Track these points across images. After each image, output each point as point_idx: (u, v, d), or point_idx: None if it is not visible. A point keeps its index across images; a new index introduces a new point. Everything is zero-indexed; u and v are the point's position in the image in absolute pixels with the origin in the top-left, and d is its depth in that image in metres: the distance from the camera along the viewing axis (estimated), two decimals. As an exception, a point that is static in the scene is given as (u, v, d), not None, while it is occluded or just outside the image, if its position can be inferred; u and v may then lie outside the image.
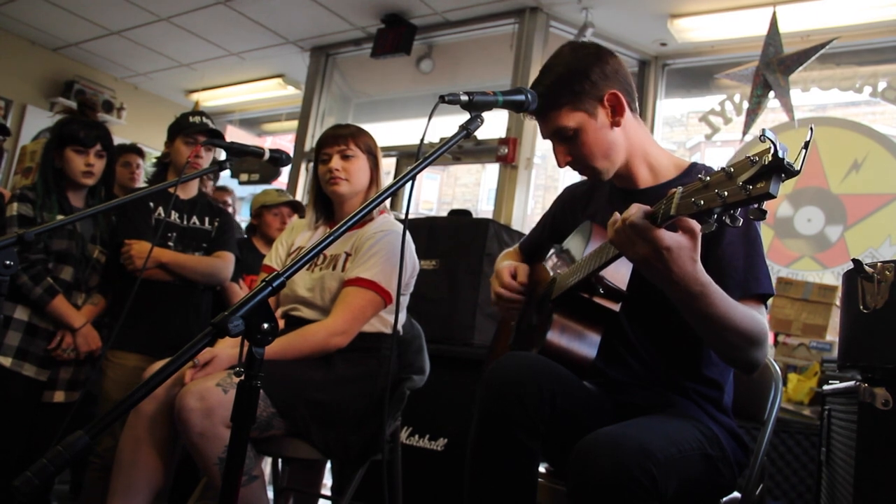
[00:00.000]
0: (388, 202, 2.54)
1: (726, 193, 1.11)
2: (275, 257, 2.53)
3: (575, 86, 1.69)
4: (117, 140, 3.15)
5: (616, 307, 1.65)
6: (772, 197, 1.05)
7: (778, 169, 1.05)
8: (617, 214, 1.37)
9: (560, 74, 1.71)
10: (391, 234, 2.36)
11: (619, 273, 1.62)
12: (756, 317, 1.49)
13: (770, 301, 1.71)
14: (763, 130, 1.07)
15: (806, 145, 1.07)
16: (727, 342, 1.47)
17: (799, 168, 1.04)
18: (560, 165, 1.76)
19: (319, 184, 2.48)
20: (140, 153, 4.13)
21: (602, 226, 1.57)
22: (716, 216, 1.15)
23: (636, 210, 1.32)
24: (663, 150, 1.84)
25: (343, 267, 2.34)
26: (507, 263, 2.00)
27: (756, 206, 1.09)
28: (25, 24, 6.34)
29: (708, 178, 1.16)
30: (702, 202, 1.15)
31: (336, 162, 2.40)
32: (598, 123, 1.71)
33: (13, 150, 6.52)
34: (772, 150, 1.05)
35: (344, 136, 2.43)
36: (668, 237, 1.29)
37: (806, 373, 3.20)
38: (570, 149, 1.73)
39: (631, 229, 1.32)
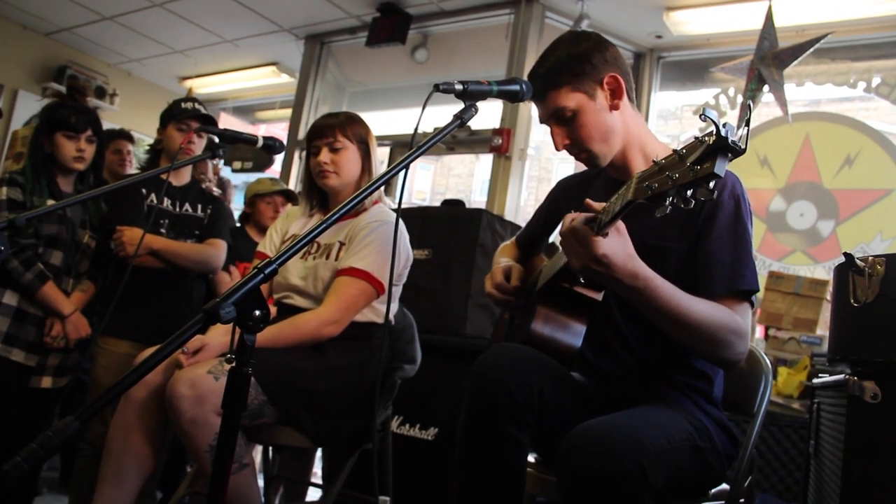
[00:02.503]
0: (383, 192, 2.54)
1: (676, 175, 1.11)
2: (269, 244, 2.53)
3: (575, 68, 1.71)
4: (109, 126, 3.13)
5: (598, 296, 1.66)
6: (717, 177, 1.05)
7: (723, 148, 1.04)
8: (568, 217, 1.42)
9: (561, 57, 1.73)
10: (386, 225, 2.35)
11: None
12: (725, 312, 1.52)
13: (760, 296, 1.71)
14: (703, 110, 1.07)
15: (747, 122, 1.07)
16: (690, 335, 1.50)
17: (744, 147, 1.04)
18: (557, 148, 1.74)
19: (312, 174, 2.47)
20: (130, 139, 4.11)
21: None
22: (669, 199, 1.14)
23: (578, 217, 1.38)
24: (659, 140, 1.84)
25: (336, 256, 2.34)
26: (503, 263, 1.99)
27: (704, 186, 1.09)
28: (18, 9, 6.29)
29: (663, 161, 1.16)
30: (655, 185, 1.15)
31: (325, 155, 2.39)
32: (598, 106, 1.72)
33: (4, 135, 6.47)
34: (715, 130, 1.04)
35: (332, 127, 2.40)
36: (603, 245, 1.34)
37: (796, 366, 3.21)
38: (569, 131, 1.73)
39: (573, 235, 1.37)
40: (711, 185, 1.08)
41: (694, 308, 1.46)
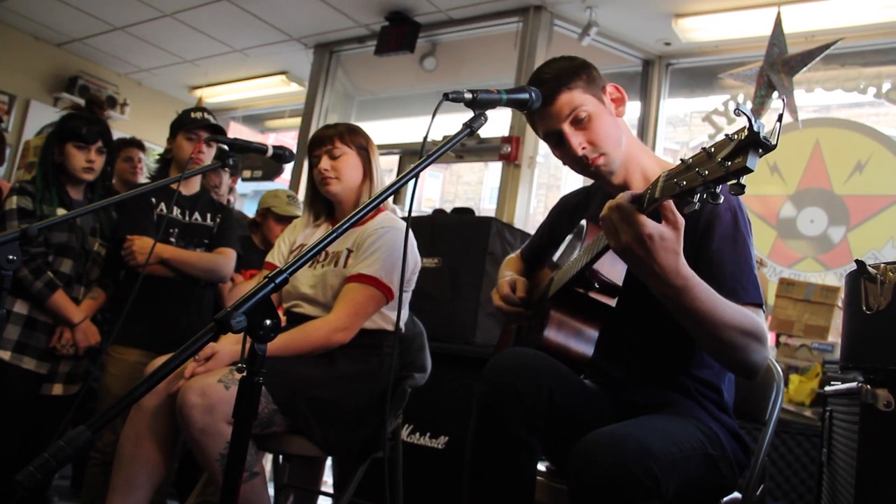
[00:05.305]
0: (389, 200, 2.54)
1: (707, 172, 1.12)
2: (277, 255, 2.54)
3: (582, 73, 1.73)
4: (120, 136, 3.15)
5: (612, 302, 1.65)
6: (749, 171, 1.06)
7: (755, 143, 1.05)
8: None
9: (564, 65, 1.75)
10: (392, 231, 2.36)
11: (615, 268, 1.61)
12: (750, 314, 1.47)
13: (771, 302, 1.70)
14: (738, 105, 1.09)
15: (780, 118, 1.07)
16: (721, 340, 1.42)
17: (775, 142, 1.05)
18: (576, 153, 1.70)
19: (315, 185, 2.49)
20: (141, 147, 4.14)
21: (597, 225, 1.56)
22: (698, 195, 1.15)
23: (624, 194, 1.33)
24: (653, 155, 1.85)
25: (345, 263, 2.34)
26: (507, 276, 2.00)
27: (735, 181, 1.10)
28: (29, 20, 6.33)
29: (690, 159, 1.17)
30: (684, 182, 1.16)
31: (325, 163, 2.41)
32: (607, 110, 1.74)
33: (16, 145, 6.52)
34: (747, 125, 1.05)
35: (329, 136, 2.44)
36: (650, 225, 1.28)
37: (807, 374, 3.19)
38: (585, 134, 1.71)
39: (617, 212, 1.32)
40: (743, 179, 1.09)
41: (727, 312, 1.41)
